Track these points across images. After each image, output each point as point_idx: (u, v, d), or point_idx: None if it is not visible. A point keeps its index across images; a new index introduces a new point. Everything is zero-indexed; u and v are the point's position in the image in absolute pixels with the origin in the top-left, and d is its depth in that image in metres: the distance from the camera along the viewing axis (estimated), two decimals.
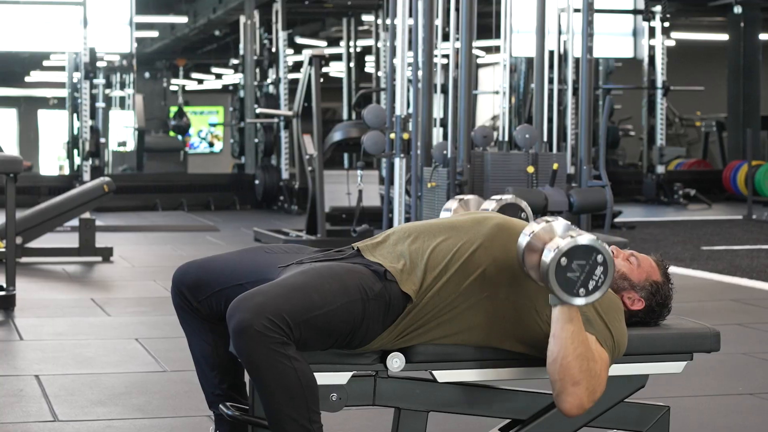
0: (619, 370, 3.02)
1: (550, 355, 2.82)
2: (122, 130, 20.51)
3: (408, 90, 9.42)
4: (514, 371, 3.02)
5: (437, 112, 11.05)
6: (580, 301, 2.77)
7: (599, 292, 2.78)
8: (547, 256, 2.75)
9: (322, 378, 2.86)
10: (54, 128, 28.73)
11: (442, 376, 2.97)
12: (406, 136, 9.03)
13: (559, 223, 2.84)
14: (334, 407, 2.91)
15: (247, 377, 2.92)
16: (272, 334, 2.71)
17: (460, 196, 3.36)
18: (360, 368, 2.93)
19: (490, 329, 2.93)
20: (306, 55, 11.08)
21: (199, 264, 3.11)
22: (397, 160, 9.10)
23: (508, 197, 3.45)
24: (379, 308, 2.86)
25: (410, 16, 9.23)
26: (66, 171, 18.00)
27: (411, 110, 9.16)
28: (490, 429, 3.18)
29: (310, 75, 10.88)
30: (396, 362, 2.92)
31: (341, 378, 2.91)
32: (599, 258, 2.77)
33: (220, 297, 3.03)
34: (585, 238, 2.77)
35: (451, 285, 2.91)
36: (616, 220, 12.37)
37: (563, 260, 2.74)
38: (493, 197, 3.47)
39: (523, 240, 2.83)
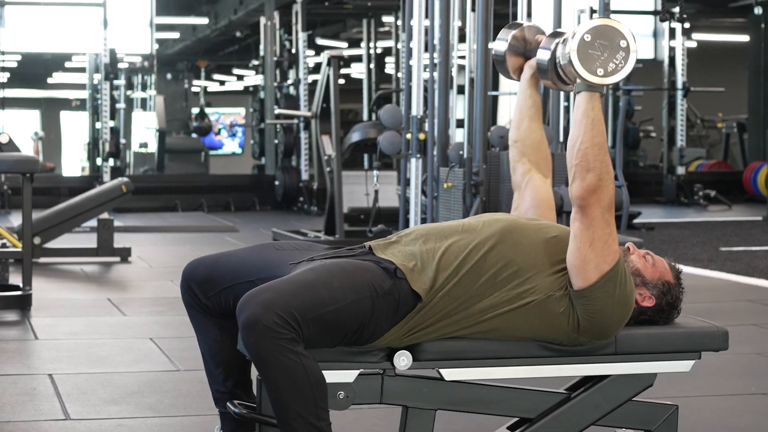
0: (626, 368, 3.02)
1: (570, 141, 2.89)
2: (144, 132, 20.58)
3: (426, 90, 9.41)
4: (521, 370, 3.01)
5: (460, 113, 11.03)
6: (597, 79, 2.82)
7: (618, 75, 2.83)
8: (574, 36, 2.82)
9: (330, 376, 2.85)
10: (76, 130, 28.81)
11: (450, 374, 2.96)
12: (422, 136, 9.03)
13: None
14: (341, 405, 2.91)
15: (254, 374, 2.92)
16: (281, 330, 2.71)
17: (519, 21, 3.39)
18: (367, 366, 2.93)
19: (500, 330, 2.93)
20: (324, 56, 11.09)
21: (208, 260, 3.10)
22: (413, 161, 9.11)
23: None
24: (388, 306, 2.86)
25: (426, 17, 9.23)
26: (87, 172, 18.05)
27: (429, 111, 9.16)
28: (498, 427, 3.18)
29: (328, 76, 10.89)
30: (403, 360, 2.91)
31: (348, 376, 2.91)
32: (623, 43, 2.82)
33: (229, 293, 3.03)
34: (613, 21, 2.83)
35: (463, 285, 2.91)
36: (636, 221, 12.33)
37: (587, 36, 2.81)
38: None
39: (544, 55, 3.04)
